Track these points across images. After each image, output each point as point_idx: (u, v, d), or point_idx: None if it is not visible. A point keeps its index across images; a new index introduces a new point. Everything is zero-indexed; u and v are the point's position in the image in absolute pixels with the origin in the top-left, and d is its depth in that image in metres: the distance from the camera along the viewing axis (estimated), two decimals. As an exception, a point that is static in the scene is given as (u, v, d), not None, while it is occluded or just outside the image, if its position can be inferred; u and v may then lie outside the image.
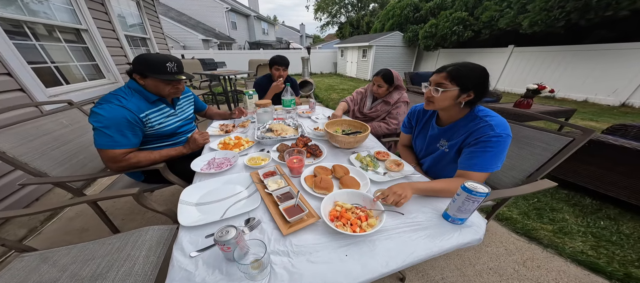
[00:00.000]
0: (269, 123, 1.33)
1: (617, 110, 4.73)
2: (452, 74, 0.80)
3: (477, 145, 0.79)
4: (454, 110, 0.89)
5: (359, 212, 0.70)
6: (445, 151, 0.96)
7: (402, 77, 1.61)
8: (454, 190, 0.75)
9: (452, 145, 0.92)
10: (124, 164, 0.97)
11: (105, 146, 0.92)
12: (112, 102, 0.93)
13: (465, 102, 0.82)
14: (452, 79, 0.80)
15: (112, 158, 0.94)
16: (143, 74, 0.98)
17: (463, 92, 0.80)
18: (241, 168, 0.97)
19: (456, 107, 0.85)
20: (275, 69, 1.92)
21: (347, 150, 1.13)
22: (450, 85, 0.80)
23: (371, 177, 0.89)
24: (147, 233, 0.91)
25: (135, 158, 0.99)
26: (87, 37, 2.29)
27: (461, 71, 0.79)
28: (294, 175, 0.92)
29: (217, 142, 1.17)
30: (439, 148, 0.99)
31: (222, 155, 1.02)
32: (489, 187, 0.60)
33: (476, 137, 0.80)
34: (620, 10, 4.02)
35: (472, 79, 0.79)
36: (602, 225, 1.49)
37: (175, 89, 1.07)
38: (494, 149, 0.76)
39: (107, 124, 0.90)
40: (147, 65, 0.97)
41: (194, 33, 11.27)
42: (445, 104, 0.85)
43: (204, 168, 0.94)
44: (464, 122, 0.87)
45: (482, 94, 0.81)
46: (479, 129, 0.80)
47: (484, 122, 0.80)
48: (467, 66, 0.80)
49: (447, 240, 0.62)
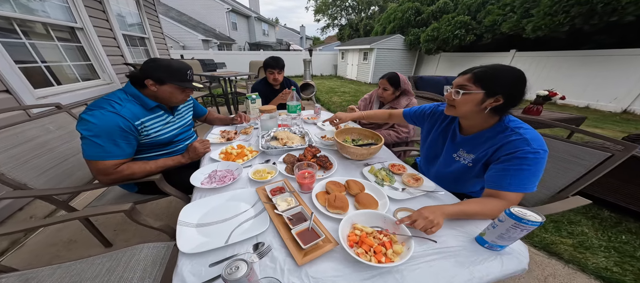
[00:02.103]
0: (274, 130, 1.24)
1: (619, 116, 4.70)
2: (478, 75, 0.71)
3: (511, 161, 0.69)
4: (478, 118, 0.77)
5: (381, 237, 0.62)
6: (468, 165, 0.84)
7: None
8: (490, 213, 0.68)
9: (477, 159, 0.81)
10: (116, 176, 0.88)
11: (95, 157, 0.83)
12: (104, 108, 0.84)
13: (491, 108, 0.71)
14: (477, 81, 0.71)
15: (102, 171, 0.85)
16: (161, 81, 0.91)
17: (489, 96, 0.70)
18: (245, 182, 0.88)
19: (480, 113, 0.74)
20: (269, 72, 1.82)
21: (359, 162, 1.05)
22: (474, 88, 0.71)
23: (389, 194, 0.81)
24: (141, 251, 0.83)
25: (128, 170, 0.90)
26: (82, 36, 2.19)
27: (488, 73, 0.70)
28: (304, 191, 0.83)
29: (218, 151, 1.08)
30: (455, 159, 0.88)
31: (225, 167, 0.93)
32: (542, 215, 0.52)
33: (509, 152, 0.70)
34: (626, 16, 4.00)
35: (502, 82, 0.68)
36: (623, 239, 1.42)
37: (187, 96, 1.03)
38: (531, 167, 0.67)
39: (97, 132, 0.81)
40: (170, 72, 0.93)
41: (194, 33, 11.19)
42: (467, 108, 0.75)
43: (205, 183, 0.85)
44: (490, 133, 0.76)
45: (513, 101, 0.70)
46: (511, 143, 0.70)
47: (517, 134, 0.70)
48: (497, 68, 0.70)
49: (486, 269, 0.55)
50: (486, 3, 7.14)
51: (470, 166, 0.83)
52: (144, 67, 0.93)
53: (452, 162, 0.89)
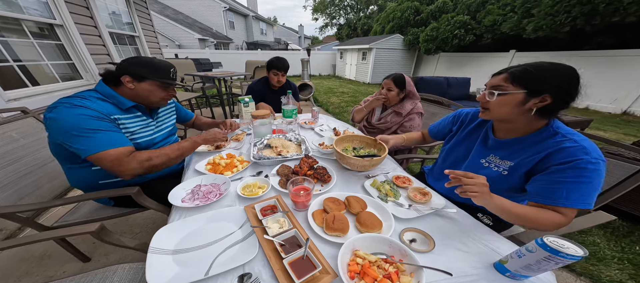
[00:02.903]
0: (268, 138, 1.15)
1: (620, 118, 4.68)
2: (515, 74, 0.63)
3: (566, 172, 0.59)
4: (520, 121, 0.68)
5: (387, 267, 0.54)
6: (502, 174, 0.72)
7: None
8: (543, 225, 0.60)
9: (515, 167, 0.69)
10: (135, 165, 0.77)
11: (101, 146, 0.72)
12: (66, 104, 0.73)
13: (537, 109, 0.62)
14: (515, 80, 0.63)
15: (116, 160, 0.74)
16: (140, 77, 0.85)
17: (532, 95, 0.61)
18: (233, 199, 0.78)
19: (523, 116, 0.65)
20: (273, 73, 1.73)
21: (360, 174, 0.96)
22: (511, 88, 0.63)
23: (394, 212, 0.72)
24: (114, 274, 0.74)
25: (145, 155, 0.81)
26: (62, 33, 2.04)
27: (529, 71, 0.62)
28: (299, 209, 0.74)
29: (204, 161, 0.98)
30: (483, 165, 0.77)
31: (210, 181, 0.84)
32: (584, 248, 0.43)
33: (563, 161, 0.59)
34: (628, 16, 3.96)
35: (549, 79, 0.60)
36: (637, 250, 1.34)
37: (169, 96, 0.96)
38: (592, 180, 0.57)
39: (72, 125, 0.71)
40: (152, 68, 0.87)
41: (190, 32, 11.03)
42: (504, 111, 0.67)
43: (187, 200, 0.75)
44: (535, 139, 0.66)
45: (565, 100, 0.61)
46: (565, 150, 0.60)
47: (572, 141, 0.60)
48: (541, 65, 0.61)
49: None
50: (486, 3, 7.09)
51: (506, 174, 0.71)
52: (121, 63, 0.86)
53: (479, 168, 0.78)
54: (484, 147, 0.81)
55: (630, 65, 4.74)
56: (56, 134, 0.74)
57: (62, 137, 0.73)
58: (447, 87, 4.04)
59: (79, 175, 0.86)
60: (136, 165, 0.77)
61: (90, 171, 0.85)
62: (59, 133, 0.73)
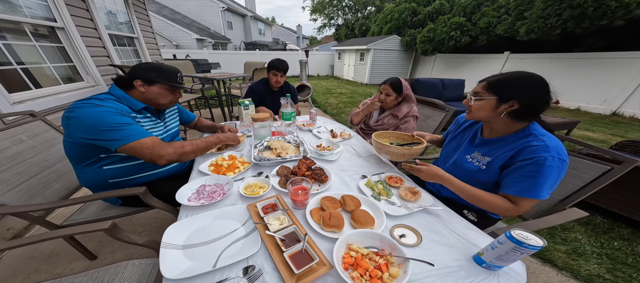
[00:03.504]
0: (268, 140, 1.20)
1: (609, 119, 4.81)
2: (491, 83, 0.75)
3: (527, 167, 0.68)
4: (498, 123, 0.79)
5: (377, 260, 0.60)
6: (480, 168, 0.82)
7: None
8: (495, 208, 0.73)
9: (492, 162, 0.79)
10: (171, 150, 0.87)
11: (135, 135, 0.81)
12: (86, 104, 0.79)
13: (510, 113, 0.72)
14: (490, 88, 0.75)
15: (154, 146, 0.83)
16: (150, 81, 0.92)
17: (502, 101, 0.72)
18: (236, 198, 0.84)
19: (499, 119, 0.75)
20: (273, 73, 1.81)
21: (355, 176, 1.02)
22: (486, 94, 0.75)
23: (386, 210, 0.78)
24: (125, 269, 0.79)
25: (178, 142, 0.92)
26: (63, 36, 2.07)
27: (502, 80, 0.73)
28: (298, 207, 0.80)
29: (208, 163, 1.03)
30: (467, 160, 0.87)
31: (214, 182, 0.89)
32: (544, 239, 0.50)
33: (526, 157, 0.68)
34: (616, 20, 4.09)
35: (517, 88, 0.70)
36: (616, 245, 1.43)
37: (176, 98, 1.03)
38: (550, 175, 0.65)
39: (99, 119, 0.77)
40: (161, 72, 0.94)
41: (187, 32, 10.98)
42: (482, 114, 0.79)
43: (193, 199, 0.80)
44: (512, 138, 0.76)
45: (532, 106, 0.70)
46: (531, 148, 0.68)
47: (539, 141, 0.69)
48: (512, 75, 0.72)
49: (484, 290, 0.53)
50: (481, 5, 7.20)
51: (483, 169, 0.82)
52: (132, 68, 0.92)
53: (464, 163, 0.89)
54: (471, 145, 0.91)
55: (620, 67, 4.87)
56: (79, 132, 0.78)
57: (88, 134, 0.78)
58: (442, 89, 4.10)
59: (90, 175, 0.90)
60: (172, 150, 0.87)
61: (102, 170, 0.89)
62: (84, 130, 0.77)
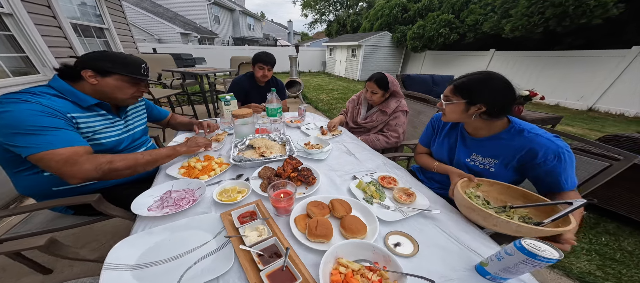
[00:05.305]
0: (250, 138, 1.09)
1: (586, 114, 5.06)
2: (457, 86, 0.77)
3: (555, 163, 0.69)
4: (475, 124, 0.81)
5: (370, 276, 0.52)
6: (489, 170, 0.80)
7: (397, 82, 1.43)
8: None
9: (501, 164, 0.78)
10: (89, 167, 0.66)
11: (48, 144, 0.62)
12: (14, 100, 0.64)
13: (481, 114, 0.74)
14: (456, 91, 0.77)
15: (66, 160, 0.63)
16: (104, 71, 0.77)
17: (471, 104, 0.75)
18: (209, 205, 0.73)
19: (475, 120, 0.77)
20: (259, 67, 1.67)
21: (346, 177, 0.93)
22: (454, 98, 0.78)
23: (379, 215, 0.70)
24: None
25: (104, 158, 0.71)
26: (12, 23, 1.82)
27: (466, 84, 0.75)
28: (281, 214, 0.70)
29: (178, 165, 0.90)
30: (469, 164, 0.84)
31: (183, 186, 0.77)
32: (559, 250, 0.44)
33: (549, 156, 0.68)
34: (594, 19, 4.26)
35: (479, 91, 0.73)
36: (603, 241, 1.45)
37: (139, 93, 0.88)
38: (572, 163, 0.69)
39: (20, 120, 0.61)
40: (117, 62, 0.78)
41: (171, 26, 10.44)
42: (455, 116, 0.81)
43: (154, 208, 0.68)
44: (506, 136, 0.76)
45: (497, 106, 0.72)
46: (543, 145, 0.69)
47: (544, 138, 0.70)
48: (474, 78, 0.75)
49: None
50: (469, 2, 7.32)
51: (492, 171, 0.80)
52: (81, 57, 0.77)
53: (466, 167, 0.85)
54: (465, 147, 0.88)
55: (595, 65, 5.12)
56: None
57: (2, 136, 0.63)
58: (432, 85, 4.13)
59: (27, 182, 0.76)
60: (90, 167, 0.67)
61: (42, 177, 0.75)
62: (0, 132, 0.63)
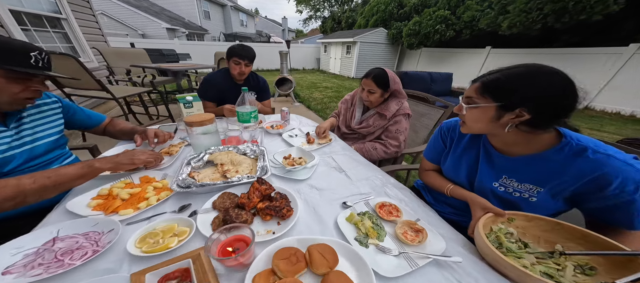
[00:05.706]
0: (210, 151, 0.84)
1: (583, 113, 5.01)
2: (486, 84, 0.56)
3: (637, 193, 0.48)
4: (508, 137, 0.58)
5: None
6: (529, 200, 0.59)
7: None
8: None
9: (549, 193, 0.56)
10: None
11: None
12: None
13: (518, 124, 0.53)
14: (485, 91, 0.55)
15: None
16: None
17: (506, 109, 0.53)
18: (120, 259, 0.48)
19: (510, 132, 0.55)
20: (234, 62, 1.39)
21: (334, 203, 0.70)
22: (482, 100, 0.56)
23: (375, 268, 0.49)
24: None
25: None
26: None
27: (501, 80, 0.54)
28: (236, 269, 0.48)
29: (90, 194, 0.63)
30: (499, 190, 0.63)
31: (83, 230, 0.52)
32: None
33: (632, 185, 0.48)
34: (594, 15, 4.15)
35: (522, 90, 0.51)
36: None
37: (31, 93, 0.64)
38: None
39: None
40: None
41: (156, 21, 9.97)
42: (480, 126, 0.59)
43: (16, 270, 0.43)
44: (558, 157, 0.54)
45: (547, 113, 0.50)
46: (624, 172, 0.48)
47: (620, 160, 0.48)
48: (514, 72, 0.53)
49: None
50: (465, -2, 7.16)
51: (533, 201, 0.58)
52: None
53: (494, 194, 0.64)
54: (490, 167, 0.65)
55: (591, 62, 5.07)
56: None
57: None
58: (430, 82, 3.98)
59: None
60: None
61: None
62: None
